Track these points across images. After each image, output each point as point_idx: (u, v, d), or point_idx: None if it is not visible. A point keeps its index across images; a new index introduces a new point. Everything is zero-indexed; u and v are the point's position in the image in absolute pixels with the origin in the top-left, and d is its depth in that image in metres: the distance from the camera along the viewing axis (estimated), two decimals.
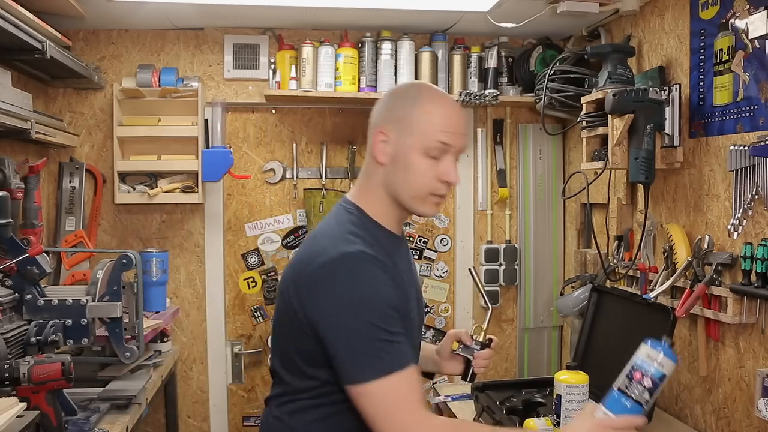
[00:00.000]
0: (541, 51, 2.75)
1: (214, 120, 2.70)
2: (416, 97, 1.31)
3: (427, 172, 1.28)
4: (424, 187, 1.29)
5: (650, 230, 2.21)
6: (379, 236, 1.33)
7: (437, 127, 1.27)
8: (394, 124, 1.31)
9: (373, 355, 1.18)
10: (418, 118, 1.28)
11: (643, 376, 1.23)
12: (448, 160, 1.29)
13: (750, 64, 1.79)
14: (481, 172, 3.01)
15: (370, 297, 1.20)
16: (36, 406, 1.50)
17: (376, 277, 1.22)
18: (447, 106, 1.31)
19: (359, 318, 1.19)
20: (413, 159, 1.28)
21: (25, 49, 2.03)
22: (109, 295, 1.90)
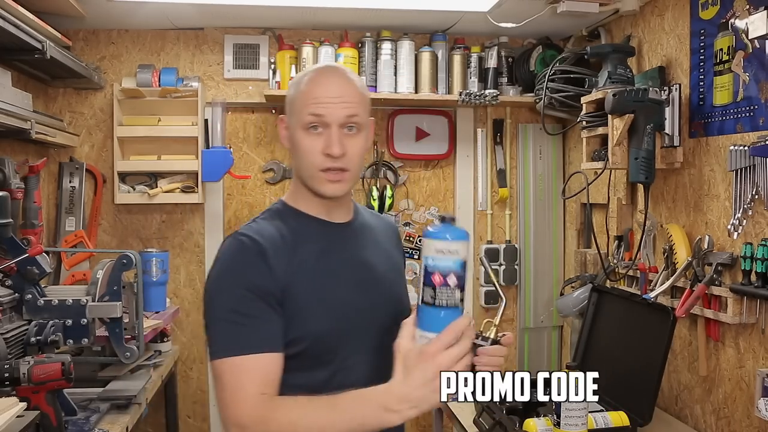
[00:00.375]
0: (541, 51, 2.75)
1: (214, 120, 2.70)
2: (300, 78, 1.29)
3: (312, 148, 1.23)
4: (312, 165, 1.24)
5: (650, 230, 2.21)
6: (295, 223, 1.28)
7: (308, 99, 1.23)
8: (287, 108, 1.31)
9: (222, 335, 1.19)
10: (295, 97, 1.27)
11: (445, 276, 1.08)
12: (329, 133, 1.23)
13: (750, 64, 1.79)
14: (481, 172, 3.01)
15: (230, 277, 1.21)
16: (36, 406, 1.50)
17: (241, 257, 1.21)
18: (319, 77, 1.26)
19: (214, 297, 1.22)
20: (297, 137, 1.25)
21: (25, 49, 2.03)
22: (109, 295, 1.90)
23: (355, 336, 1.26)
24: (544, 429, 1.74)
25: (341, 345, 1.25)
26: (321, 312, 1.23)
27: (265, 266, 1.19)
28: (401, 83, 2.74)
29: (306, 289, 1.22)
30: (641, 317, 2.03)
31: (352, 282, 1.29)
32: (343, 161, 1.24)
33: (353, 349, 1.26)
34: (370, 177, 2.92)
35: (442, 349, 1.06)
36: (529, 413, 1.85)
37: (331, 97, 1.24)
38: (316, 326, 1.22)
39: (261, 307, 1.18)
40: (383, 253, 1.41)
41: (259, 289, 1.18)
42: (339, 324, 1.24)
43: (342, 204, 1.34)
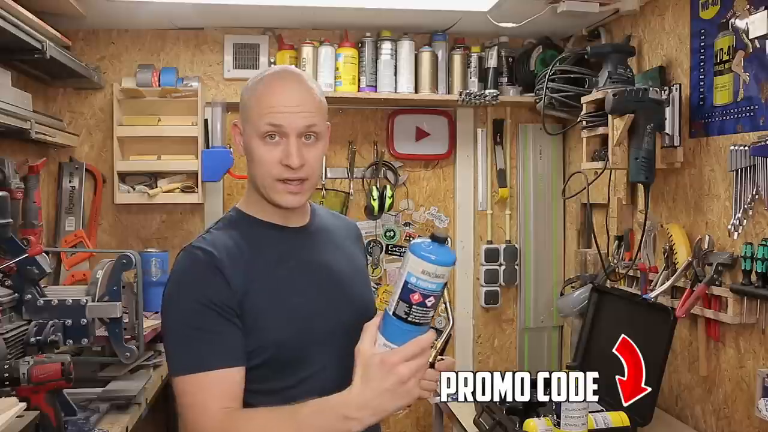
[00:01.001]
0: (541, 51, 2.75)
1: (214, 120, 2.70)
2: (254, 83, 1.24)
3: (268, 158, 1.19)
4: (270, 175, 1.20)
5: (650, 230, 2.21)
6: (250, 230, 1.25)
7: (265, 108, 1.19)
8: (241, 114, 1.26)
9: (177, 352, 1.16)
10: (250, 103, 1.22)
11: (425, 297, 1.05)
12: (287, 143, 1.19)
13: (750, 64, 1.79)
14: (481, 172, 3.00)
15: (185, 292, 1.17)
16: (36, 406, 1.50)
17: (194, 271, 1.18)
18: (276, 83, 1.22)
19: (170, 312, 1.18)
20: (253, 146, 1.21)
21: (25, 49, 2.02)
22: (109, 295, 1.90)
23: (320, 340, 1.23)
24: (544, 429, 1.73)
25: (306, 350, 1.22)
26: (282, 319, 1.20)
27: (221, 279, 1.16)
28: (401, 83, 2.74)
29: (265, 297, 1.19)
30: (641, 317, 2.03)
31: (312, 286, 1.26)
32: (301, 171, 1.20)
33: (319, 354, 1.23)
34: (370, 177, 2.92)
35: (404, 360, 1.05)
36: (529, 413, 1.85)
37: (290, 106, 1.19)
38: (277, 334, 1.19)
39: (218, 322, 1.15)
40: (343, 254, 1.37)
41: (215, 304, 1.15)
42: (301, 330, 1.22)
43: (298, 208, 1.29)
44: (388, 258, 2.97)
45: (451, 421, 2.20)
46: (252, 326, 1.18)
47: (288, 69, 1.30)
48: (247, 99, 1.24)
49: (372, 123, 2.92)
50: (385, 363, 1.05)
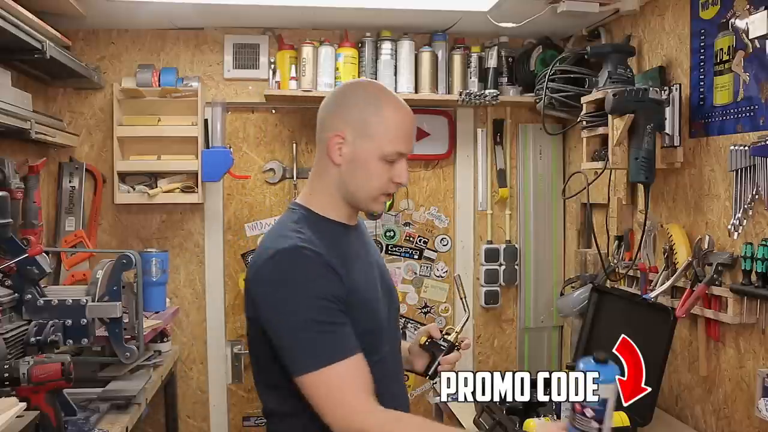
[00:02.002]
0: (541, 51, 2.75)
1: (214, 120, 2.70)
2: (374, 103, 1.33)
3: (383, 175, 1.34)
4: (379, 189, 1.35)
5: (650, 230, 2.21)
6: (324, 228, 1.35)
7: (394, 136, 1.32)
8: (351, 126, 1.33)
9: (312, 347, 1.22)
10: (377, 125, 1.32)
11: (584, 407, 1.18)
12: (401, 164, 1.35)
13: (750, 64, 1.79)
14: (481, 172, 3.00)
15: (304, 290, 1.24)
16: (36, 406, 1.50)
17: (307, 269, 1.25)
18: (403, 115, 1.35)
19: (295, 312, 1.23)
20: (371, 164, 1.32)
21: (25, 49, 2.02)
22: (109, 295, 1.90)
23: (384, 330, 1.40)
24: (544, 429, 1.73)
25: (378, 340, 1.37)
26: (369, 311, 1.34)
27: (334, 275, 1.27)
28: (401, 83, 2.74)
29: (358, 292, 1.32)
30: (641, 317, 2.03)
31: (376, 279, 1.42)
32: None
33: (384, 342, 1.39)
34: None
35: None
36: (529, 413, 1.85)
37: (411, 136, 1.37)
38: (366, 324, 1.32)
39: (341, 314, 1.25)
40: (376, 251, 1.55)
41: (335, 298, 1.25)
42: (375, 322, 1.37)
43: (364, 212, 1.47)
44: (388, 258, 2.97)
45: (451, 421, 2.20)
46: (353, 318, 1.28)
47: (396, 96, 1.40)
48: (370, 118, 1.33)
49: None
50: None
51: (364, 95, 1.36)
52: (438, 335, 1.52)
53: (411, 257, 3.00)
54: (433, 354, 1.50)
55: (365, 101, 1.34)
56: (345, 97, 1.38)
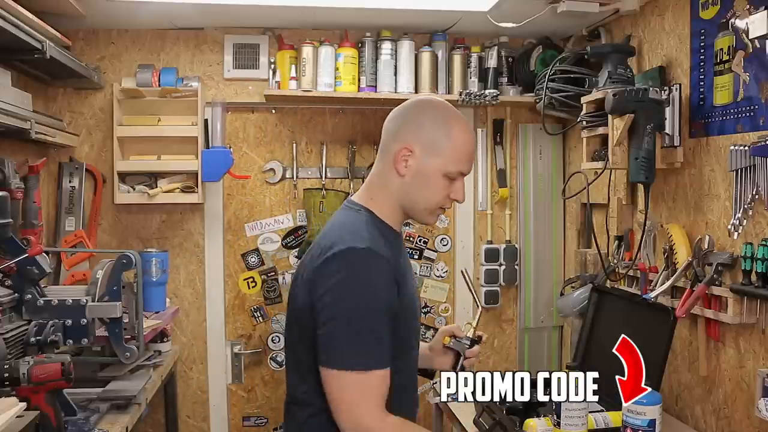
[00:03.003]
0: (541, 51, 2.74)
1: (214, 120, 2.70)
2: (445, 124, 1.41)
3: (443, 191, 1.41)
4: (437, 203, 1.43)
5: (650, 230, 2.21)
6: (387, 235, 1.42)
7: (459, 157, 1.40)
8: (421, 143, 1.40)
9: (357, 347, 1.27)
10: (445, 144, 1.40)
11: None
12: (461, 182, 1.43)
13: (750, 64, 1.79)
14: (481, 172, 3.00)
15: (368, 293, 1.29)
16: (36, 406, 1.50)
17: (378, 275, 1.31)
18: (469, 137, 1.44)
19: (354, 310, 1.28)
20: (434, 179, 1.40)
21: (25, 49, 2.02)
22: (109, 295, 1.90)
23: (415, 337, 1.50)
24: (544, 429, 1.73)
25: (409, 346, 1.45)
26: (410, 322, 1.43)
27: (394, 284, 1.33)
28: (401, 83, 2.74)
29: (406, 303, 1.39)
30: (641, 317, 2.03)
31: (414, 287, 1.50)
32: None
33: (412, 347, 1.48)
34: None
35: None
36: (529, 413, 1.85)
37: (473, 157, 1.48)
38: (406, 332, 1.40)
39: (387, 326, 1.31)
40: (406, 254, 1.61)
41: (390, 309, 1.31)
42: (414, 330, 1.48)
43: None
44: None
45: (451, 421, 2.20)
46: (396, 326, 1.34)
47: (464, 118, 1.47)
48: (438, 135, 1.40)
49: (372, 123, 2.92)
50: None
51: (435, 114, 1.43)
52: (461, 334, 1.63)
53: (411, 257, 2.99)
54: (459, 351, 1.61)
55: (435, 120, 1.42)
56: (417, 112, 1.44)
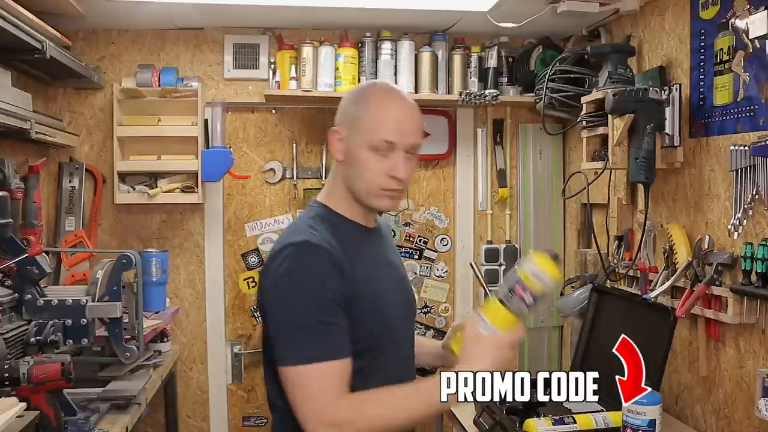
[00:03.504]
0: (541, 51, 2.74)
1: (214, 120, 2.70)
2: (366, 98, 1.37)
3: (377, 169, 1.33)
4: (374, 183, 1.34)
5: (650, 230, 2.21)
6: (343, 228, 1.38)
7: (382, 126, 1.32)
8: (345, 123, 1.37)
9: (302, 342, 1.24)
10: (363, 116, 1.34)
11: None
12: (395, 157, 1.33)
13: (750, 64, 1.79)
14: (481, 172, 3.00)
15: (308, 284, 1.26)
16: (36, 406, 1.50)
17: (315, 264, 1.27)
18: (392, 106, 1.36)
19: (294, 305, 1.25)
20: (362, 155, 1.33)
21: (24, 49, 2.02)
22: (109, 295, 1.90)
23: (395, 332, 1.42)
24: (544, 429, 1.73)
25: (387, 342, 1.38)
26: (375, 314, 1.35)
27: (339, 273, 1.27)
28: (401, 83, 2.74)
29: (365, 293, 1.33)
30: (641, 317, 2.03)
31: (389, 282, 1.43)
32: (402, 182, 1.36)
33: (394, 344, 1.41)
34: None
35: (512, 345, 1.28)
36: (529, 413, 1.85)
37: (404, 125, 1.34)
38: (371, 328, 1.33)
39: (339, 315, 1.26)
40: (397, 254, 1.58)
41: (337, 297, 1.26)
42: (386, 323, 1.38)
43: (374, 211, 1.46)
44: None
45: (451, 421, 2.20)
46: (355, 318, 1.30)
47: (396, 88, 1.44)
48: (357, 110, 1.36)
49: None
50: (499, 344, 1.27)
51: (357, 92, 1.41)
52: None
53: (411, 257, 3.00)
54: None
55: (356, 97, 1.39)
56: (345, 97, 1.43)
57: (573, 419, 1.76)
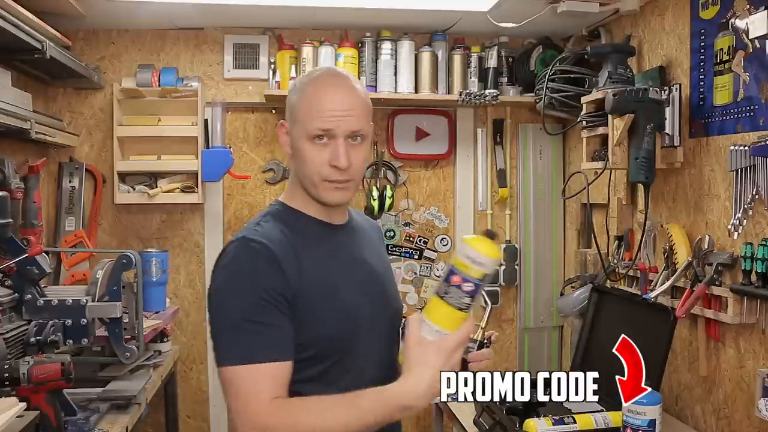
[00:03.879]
0: (541, 51, 2.74)
1: (214, 120, 2.70)
2: (303, 86, 1.29)
3: (318, 159, 1.24)
4: (316, 174, 1.26)
5: (650, 230, 2.21)
6: (298, 225, 1.30)
7: (316, 112, 1.24)
8: (287, 115, 1.31)
9: (234, 342, 1.18)
10: (300, 105, 1.26)
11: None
12: (335, 144, 1.24)
13: (750, 64, 1.79)
14: (481, 172, 3.00)
15: (241, 283, 1.20)
16: (36, 406, 1.50)
17: (253, 262, 1.20)
18: (325, 90, 1.26)
19: (227, 303, 1.20)
20: (301, 146, 1.25)
21: (25, 49, 2.02)
22: (109, 295, 1.90)
23: (363, 335, 1.29)
24: (544, 429, 1.73)
25: (352, 345, 1.27)
26: (332, 314, 1.25)
27: (278, 271, 1.20)
28: (401, 83, 2.74)
29: (318, 292, 1.24)
30: (641, 317, 2.03)
31: (357, 282, 1.32)
32: (348, 172, 1.26)
33: (363, 348, 1.29)
34: (370, 177, 2.92)
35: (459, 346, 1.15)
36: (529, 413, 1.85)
37: (340, 110, 1.24)
38: (329, 328, 1.24)
39: (275, 315, 1.18)
40: (377, 253, 1.45)
41: (273, 296, 1.18)
42: (349, 324, 1.27)
43: (341, 206, 1.35)
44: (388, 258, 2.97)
45: (451, 421, 2.20)
46: (305, 319, 1.21)
47: (336, 71, 1.34)
48: (296, 100, 1.28)
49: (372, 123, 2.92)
50: (444, 350, 1.13)
51: (299, 80, 1.33)
52: None
53: (411, 257, 3.00)
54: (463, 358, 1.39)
55: (297, 88, 1.30)
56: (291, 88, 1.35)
57: (573, 419, 1.76)
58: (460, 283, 1.13)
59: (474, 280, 1.13)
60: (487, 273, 1.13)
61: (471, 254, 1.13)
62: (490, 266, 1.14)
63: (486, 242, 1.14)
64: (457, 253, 1.15)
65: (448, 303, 1.14)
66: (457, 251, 1.16)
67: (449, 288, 1.14)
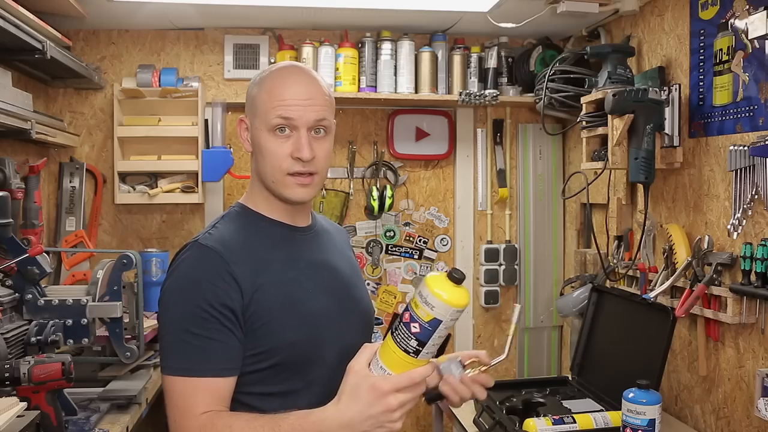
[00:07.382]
0: (541, 51, 2.75)
1: (215, 120, 2.70)
2: (262, 79, 1.24)
3: (279, 151, 1.20)
4: (280, 169, 1.20)
5: (650, 230, 2.21)
6: (256, 227, 1.25)
7: (276, 102, 1.19)
8: (247, 110, 1.27)
9: (174, 351, 1.14)
10: (259, 97, 1.22)
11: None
12: (298, 136, 1.19)
13: (750, 64, 1.79)
14: (481, 172, 3.01)
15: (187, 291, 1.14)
16: (36, 406, 1.50)
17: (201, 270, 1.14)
18: (285, 79, 1.21)
19: (170, 311, 1.15)
20: (263, 139, 1.21)
21: (25, 49, 2.03)
22: (110, 295, 1.90)
23: (328, 342, 1.23)
24: (544, 429, 1.74)
25: (316, 353, 1.21)
26: (294, 321, 1.18)
27: (229, 281, 1.14)
28: (401, 83, 2.74)
29: (276, 298, 1.18)
30: (641, 317, 2.03)
31: (321, 287, 1.26)
32: (312, 165, 1.21)
33: (328, 356, 1.22)
34: (370, 177, 2.92)
35: (395, 390, 1.03)
36: (529, 413, 1.86)
37: (301, 99, 1.20)
38: (289, 336, 1.18)
39: (219, 329, 1.12)
40: (343, 256, 1.39)
41: (219, 309, 1.12)
42: (313, 332, 1.21)
43: (304, 208, 1.31)
44: (388, 258, 2.97)
45: (451, 421, 2.20)
46: (261, 328, 1.16)
47: (295, 64, 1.31)
48: (255, 93, 1.24)
49: (372, 123, 2.93)
50: (375, 389, 1.03)
51: (258, 74, 1.28)
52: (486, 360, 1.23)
53: (411, 257, 3.00)
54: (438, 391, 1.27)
55: (256, 80, 1.26)
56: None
57: (573, 419, 1.76)
58: (408, 321, 1.02)
59: (421, 322, 1.00)
60: (435, 318, 0.99)
61: (424, 292, 1.01)
62: (443, 312, 0.99)
63: (446, 284, 1.01)
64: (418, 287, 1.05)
65: (395, 341, 1.03)
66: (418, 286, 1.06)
67: (399, 325, 1.04)
